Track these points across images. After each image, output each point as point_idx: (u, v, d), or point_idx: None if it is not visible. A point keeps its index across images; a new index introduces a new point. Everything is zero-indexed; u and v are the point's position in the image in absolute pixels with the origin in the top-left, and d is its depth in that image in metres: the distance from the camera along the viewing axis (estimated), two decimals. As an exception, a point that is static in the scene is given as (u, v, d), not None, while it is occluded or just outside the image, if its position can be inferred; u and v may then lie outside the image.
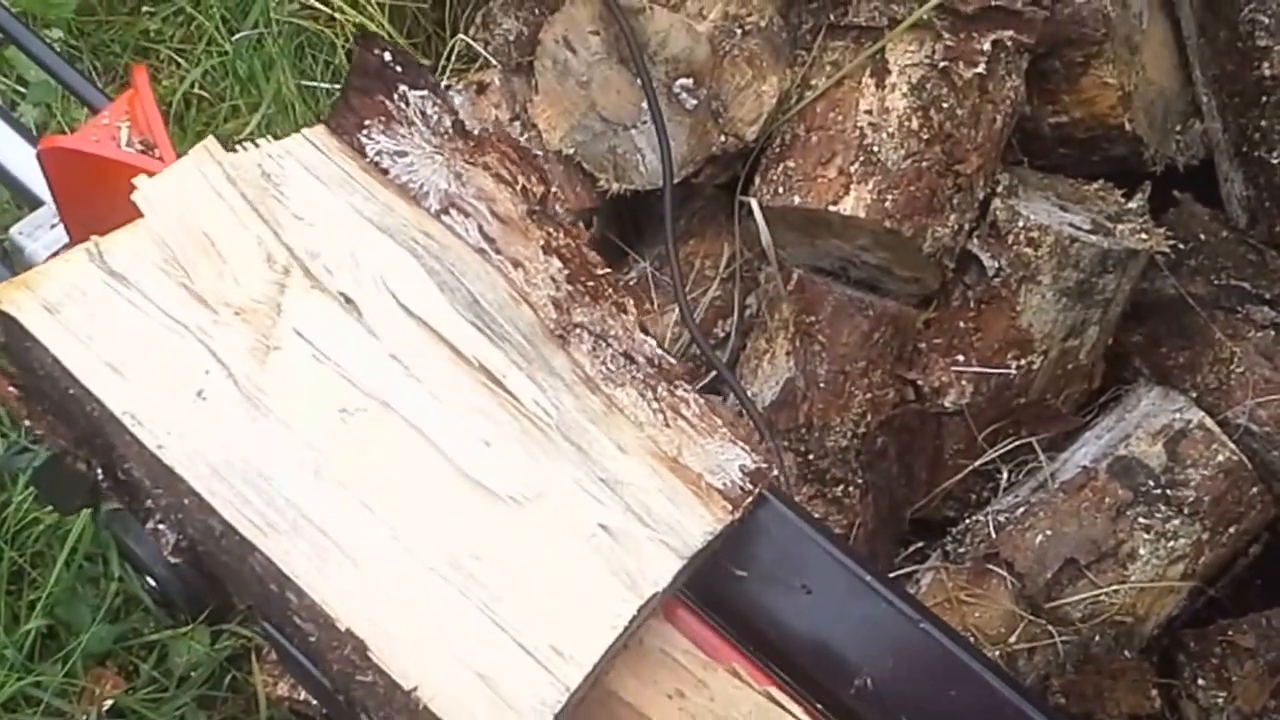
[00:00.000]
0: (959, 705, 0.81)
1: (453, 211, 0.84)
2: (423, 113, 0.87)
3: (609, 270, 0.88)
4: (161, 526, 0.72)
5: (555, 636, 0.69)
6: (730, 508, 0.80)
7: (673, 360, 0.86)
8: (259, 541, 0.68)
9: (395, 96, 0.86)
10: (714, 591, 0.83)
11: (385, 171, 0.83)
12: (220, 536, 0.69)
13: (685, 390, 0.85)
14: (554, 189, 0.91)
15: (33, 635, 1.34)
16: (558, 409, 0.78)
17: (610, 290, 0.87)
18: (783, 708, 0.80)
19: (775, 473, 0.85)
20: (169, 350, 0.71)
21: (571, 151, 1.35)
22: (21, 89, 1.62)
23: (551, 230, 0.87)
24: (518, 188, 0.87)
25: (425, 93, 0.87)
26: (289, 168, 0.80)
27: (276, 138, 0.80)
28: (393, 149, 0.85)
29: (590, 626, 0.70)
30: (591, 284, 0.87)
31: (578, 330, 0.84)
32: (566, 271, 0.86)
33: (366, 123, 0.84)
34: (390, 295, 0.78)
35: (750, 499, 0.82)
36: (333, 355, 0.74)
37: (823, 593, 0.83)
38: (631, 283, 1.41)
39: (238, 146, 0.79)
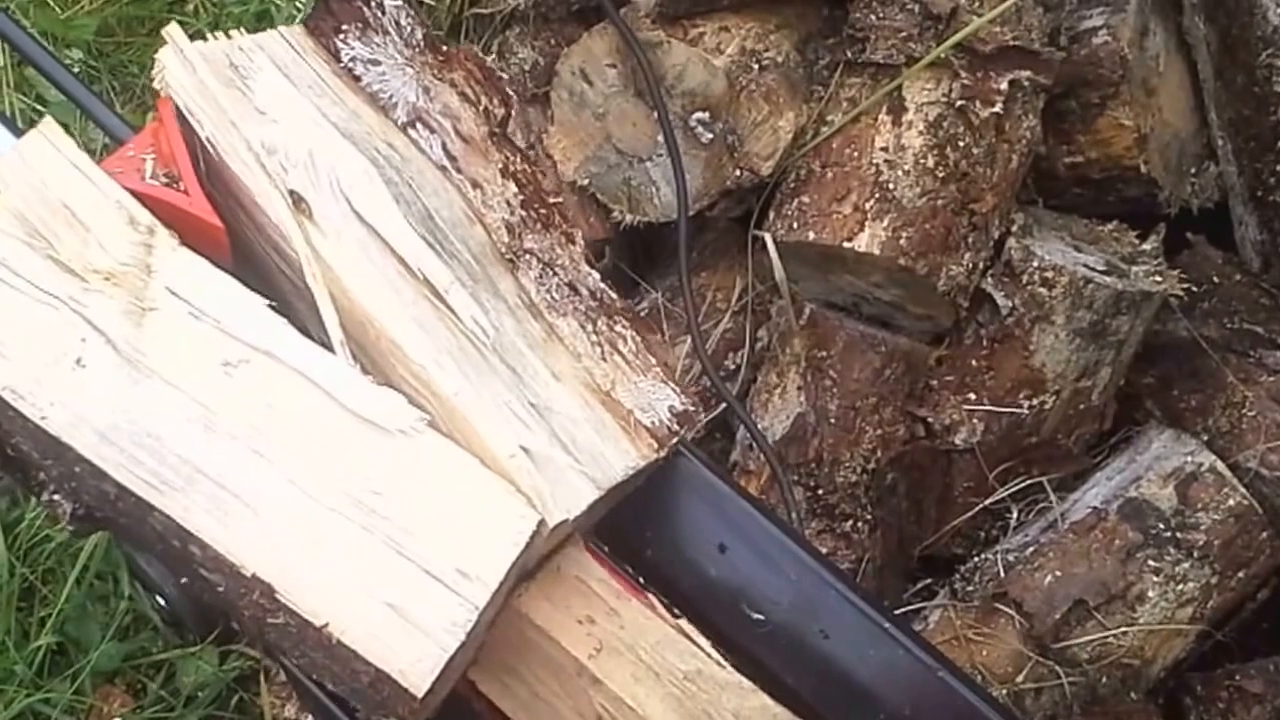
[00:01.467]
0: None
1: (419, 125, 0.85)
2: (397, 22, 0.88)
3: (560, 200, 0.89)
4: (57, 497, 0.73)
5: (460, 559, 0.71)
6: (656, 446, 0.82)
7: (614, 295, 0.88)
8: (155, 500, 0.69)
9: (373, 4, 0.87)
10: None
11: (357, 79, 0.84)
12: (116, 500, 0.70)
13: (624, 327, 0.87)
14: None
15: (42, 652, 1.35)
16: (496, 330, 0.80)
17: (560, 220, 0.88)
18: (691, 640, 0.81)
19: (702, 419, 0.86)
20: (42, 322, 0.72)
21: (586, 183, 1.36)
22: (41, 108, 1.64)
23: (510, 154, 0.88)
24: (480, 108, 0.88)
25: (400, 2, 0.88)
26: (259, 62, 0.81)
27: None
28: (366, 56, 0.85)
29: (494, 546, 0.72)
30: (544, 212, 0.88)
31: (527, 256, 0.85)
32: (521, 197, 0.87)
33: (344, 27, 0.85)
34: (345, 200, 0.80)
35: (676, 439, 0.83)
36: (209, 311, 0.75)
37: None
38: (643, 314, 1.41)
39: (208, 35, 0.80)
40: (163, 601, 1.33)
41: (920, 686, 0.82)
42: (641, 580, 0.84)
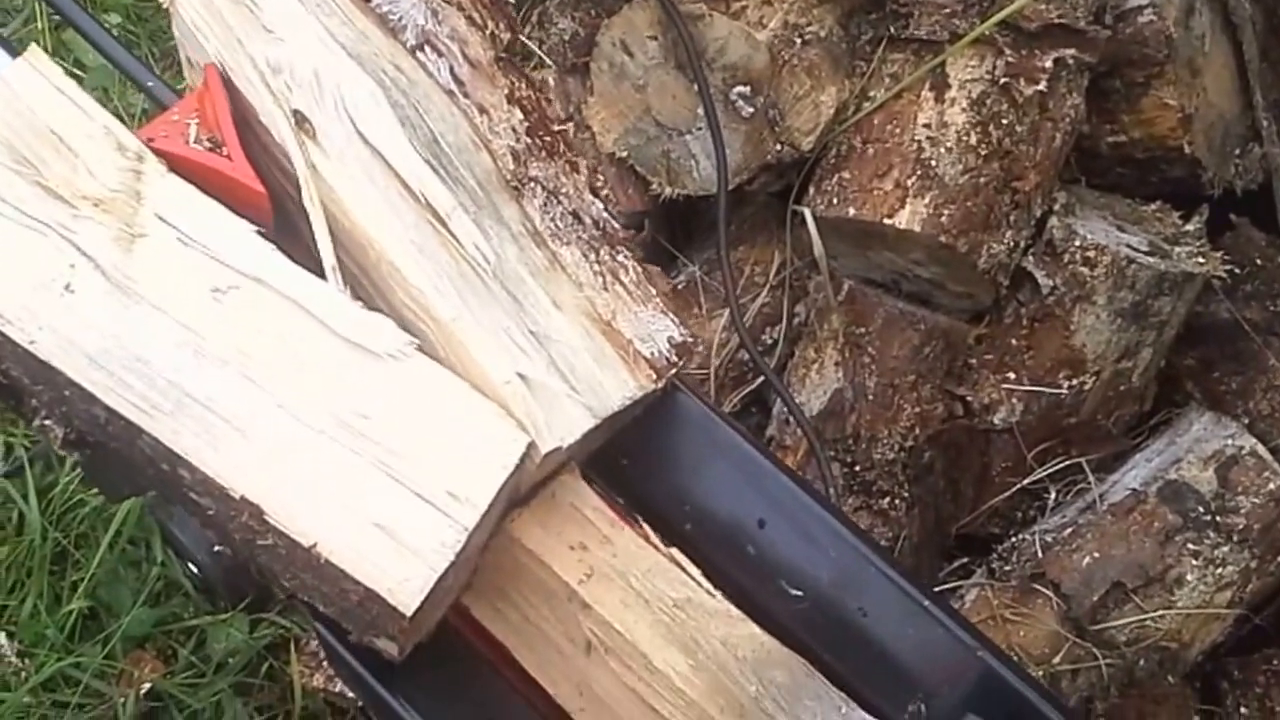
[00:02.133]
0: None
1: (427, 49, 0.84)
2: None
3: (565, 127, 0.89)
4: (48, 422, 0.73)
5: (450, 481, 0.71)
6: (655, 376, 0.81)
7: (617, 224, 0.87)
8: (144, 424, 0.69)
9: None
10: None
11: (367, 0, 0.83)
12: (106, 424, 0.71)
13: (625, 256, 0.86)
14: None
15: (74, 616, 1.35)
16: (498, 257, 0.79)
17: (565, 148, 0.87)
18: (682, 569, 0.81)
19: (698, 350, 0.85)
20: (30, 248, 0.72)
21: (625, 154, 1.36)
22: (79, 72, 1.63)
23: (515, 80, 0.87)
24: (487, 32, 0.87)
25: None
26: None
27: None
28: None
29: (484, 468, 0.72)
30: (548, 139, 0.87)
31: (532, 184, 0.84)
32: (527, 124, 0.86)
33: None
34: (349, 121, 0.79)
35: (674, 370, 0.83)
36: (198, 237, 0.74)
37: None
38: (680, 287, 1.40)
39: None
40: (194, 568, 1.33)
41: (960, 666, 0.81)
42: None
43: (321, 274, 0.77)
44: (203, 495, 0.70)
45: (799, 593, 0.83)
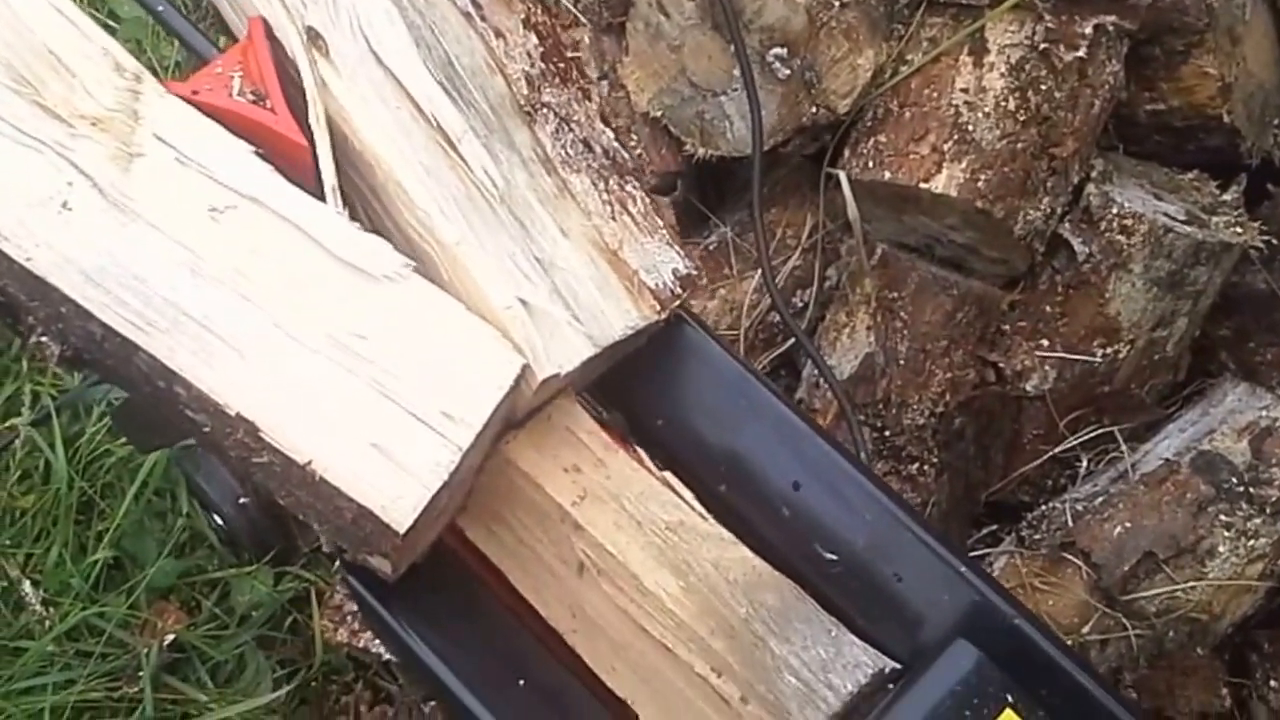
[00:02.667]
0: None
1: None
2: None
3: (578, 55, 0.88)
4: (44, 339, 0.73)
5: (445, 402, 0.71)
6: (658, 308, 0.81)
7: (627, 155, 0.87)
8: (141, 341, 0.70)
9: None
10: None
11: None
12: (102, 340, 0.71)
13: (634, 187, 0.86)
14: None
15: (99, 566, 1.35)
16: (507, 182, 0.80)
17: (578, 76, 0.88)
18: (676, 493, 0.82)
19: (703, 283, 0.85)
20: (27, 166, 0.73)
21: (659, 114, 1.34)
22: (113, 24, 1.63)
23: (532, 5, 0.87)
24: None
25: None
26: None
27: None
28: None
29: (479, 389, 0.72)
30: (562, 65, 0.87)
31: (544, 110, 0.84)
32: (541, 49, 0.86)
33: None
34: (364, 39, 0.79)
35: (678, 302, 0.83)
36: (196, 157, 0.75)
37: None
38: (712, 248, 1.39)
39: None
40: (220, 520, 1.33)
41: (995, 633, 0.80)
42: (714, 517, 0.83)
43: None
44: (198, 412, 0.71)
45: (833, 556, 0.82)
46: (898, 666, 0.78)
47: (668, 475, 0.82)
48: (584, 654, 0.81)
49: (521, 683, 0.81)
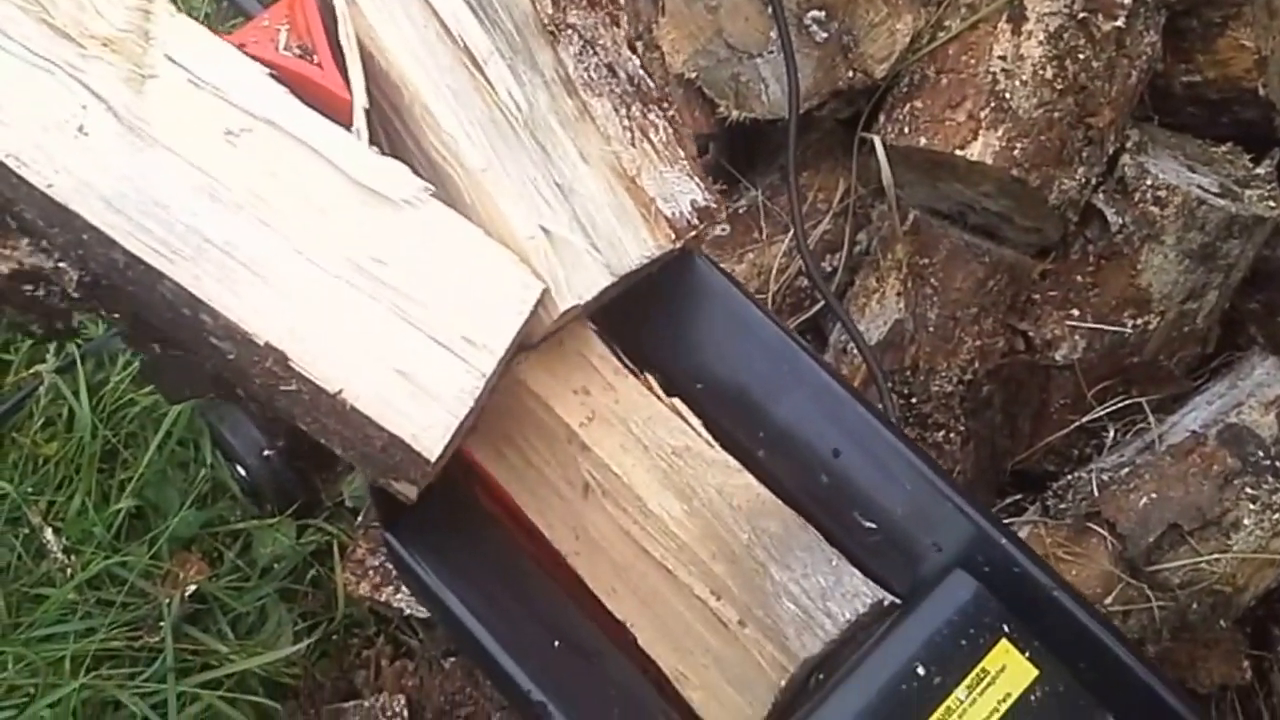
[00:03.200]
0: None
1: None
2: None
3: None
4: (62, 265, 0.72)
5: (466, 327, 0.71)
6: (673, 237, 0.81)
7: (652, 83, 0.86)
8: (166, 269, 0.69)
9: None
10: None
11: None
12: (125, 268, 0.70)
13: (657, 115, 0.85)
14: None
15: (122, 515, 1.34)
16: (530, 105, 0.79)
17: (608, 0, 0.86)
18: (684, 419, 0.81)
19: (722, 216, 0.85)
20: (40, 88, 0.71)
21: (694, 76, 1.34)
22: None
23: None
24: None
25: None
26: None
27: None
28: None
29: (499, 314, 0.72)
30: None
31: (569, 30, 0.83)
32: None
33: None
34: None
35: (693, 233, 0.82)
36: (209, 79, 0.74)
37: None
38: (741, 211, 1.39)
39: None
40: (243, 472, 1.33)
41: (1034, 605, 0.79)
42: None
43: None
44: (224, 340, 0.70)
45: (872, 525, 0.82)
46: (897, 600, 0.78)
47: (675, 401, 0.82)
48: (585, 576, 0.81)
49: (557, 644, 0.81)
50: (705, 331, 0.87)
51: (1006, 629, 0.76)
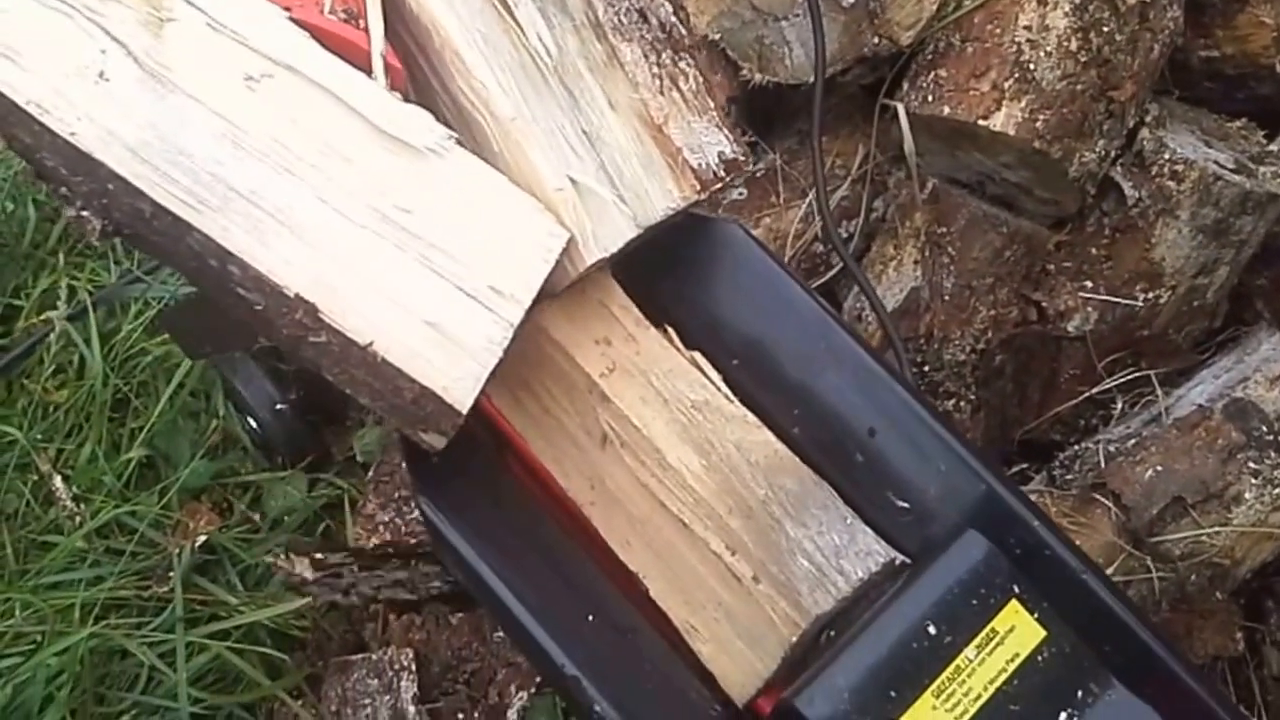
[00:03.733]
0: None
1: None
2: None
3: None
4: (85, 213, 0.71)
5: (493, 276, 0.71)
6: (699, 188, 0.81)
7: (684, 30, 0.85)
8: (194, 220, 0.68)
9: None
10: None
11: None
12: (151, 218, 0.69)
13: (688, 64, 0.84)
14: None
15: (132, 464, 1.33)
16: (559, 49, 0.78)
17: None
18: (704, 373, 0.82)
19: (749, 168, 0.84)
20: (58, 31, 0.69)
21: (718, 37, 1.32)
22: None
23: None
24: None
25: None
26: None
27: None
28: None
29: (525, 262, 0.72)
30: None
31: None
32: None
33: None
34: None
35: (720, 185, 0.82)
36: (227, 22, 0.72)
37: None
38: (759, 175, 1.38)
39: None
40: (255, 424, 1.33)
41: (1067, 590, 0.80)
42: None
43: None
44: (252, 291, 0.69)
45: (905, 504, 0.83)
46: (908, 560, 0.79)
47: (696, 355, 0.82)
48: (600, 527, 0.81)
49: (591, 618, 0.81)
50: (744, 306, 0.87)
51: (1017, 589, 0.77)
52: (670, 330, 0.83)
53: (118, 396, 1.37)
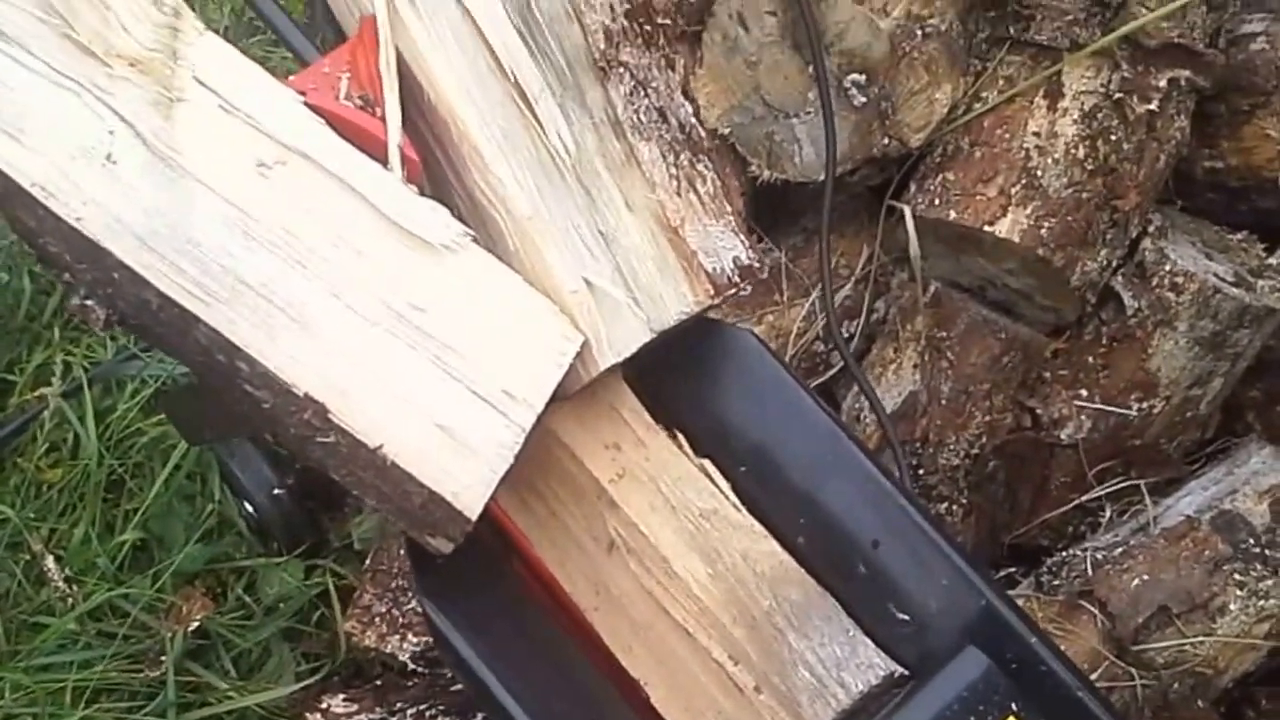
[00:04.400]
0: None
1: None
2: None
3: (669, 23, 0.86)
4: (89, 302, 0.70)
5: (506, 380, 0.70)
6: (712, 293, 0.81)
7: (704, 133, 0.86)
8: (202, 313, 0.66)
9: None
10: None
11: None
12: (158, 310, 0.67)
13: (706, 167, 0.85)
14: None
15: (126, 547, 1.32)
16: (578, 146, 0.78)
17: (665, 43, 0.85)
18: (713, 481, 0.83)
19: (763, 275, 0.85)
20: (64, 110, 0.67)
21: (727, 131, 1.31)
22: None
23: None
24: None
25: None
26: None
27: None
28: None
29: (538, 367, 0.71)
30: (648, 29, 0.85)
31: (620, 69, 0.82)
32: (627, 6, 0.84)
33: None
34: None
35: (733, 290, 0.82)
36: (240, 105, 0.70)
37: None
38: (764, 274, 1.38)
39: None
40: (251, 509, 1.32)
41: (1062, 707, 0.82)
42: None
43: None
44: (260, 388, 0.67)
45: (905, 617, 0.84)
46: (908, 673, 0.81)
47: (706, 463, 0.83)
48: (603, 632, 0.82)
49: None
50: (754, 414, 0.87)
51: (1015, 707, 0.78)
52: (680, 436, 0.83)
53: (112, 477, 1.36)
